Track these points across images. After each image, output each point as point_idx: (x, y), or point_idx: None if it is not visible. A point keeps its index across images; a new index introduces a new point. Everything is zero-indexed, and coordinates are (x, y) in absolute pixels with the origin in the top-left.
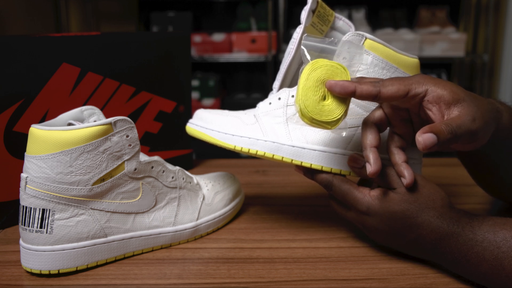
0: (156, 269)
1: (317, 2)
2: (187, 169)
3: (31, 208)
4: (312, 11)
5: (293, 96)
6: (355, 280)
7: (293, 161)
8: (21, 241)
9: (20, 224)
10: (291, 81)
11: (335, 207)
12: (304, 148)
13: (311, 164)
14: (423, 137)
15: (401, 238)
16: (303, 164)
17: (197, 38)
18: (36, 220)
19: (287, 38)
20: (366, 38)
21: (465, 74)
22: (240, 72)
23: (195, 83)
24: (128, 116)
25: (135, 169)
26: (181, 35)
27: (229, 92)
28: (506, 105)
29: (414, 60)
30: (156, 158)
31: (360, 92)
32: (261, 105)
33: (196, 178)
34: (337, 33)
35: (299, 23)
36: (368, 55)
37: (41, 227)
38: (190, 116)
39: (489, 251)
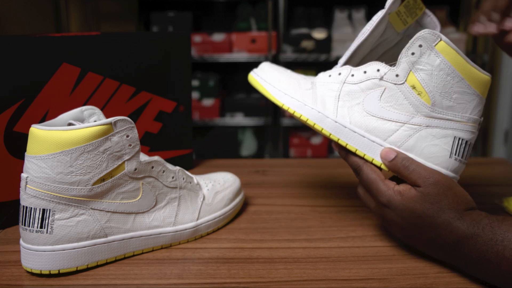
0: (156, 269)
1: None
2: (187, 169)
3: (31, 208)
4: (402, 0)
5: (353, 75)
6: (355, 280)
7: (331, 136)
8: (21, 241)
9: (20, 224)
10: (358, 62)
11: (361, 194)
12: (346, 127)
13: (346, 144)
14: None
15: (419, 235)
16: (339, 141)
17: (197, 38)
18: (36, 220)
19: (287, 38)
20: (441, 39)
21: None
22: (240, 72)
23: (195, 83)
24: (128, 116)
25: (135, 169)
26: (181, 35)
27: (229, 92)
28: None
29: (485, 77)
30: (156, 158)
31: None
32: (321, 75)
33: (196, 178)
34: (421, 29)
35: (298, 23)
36: (437, 57)
37: (41, 227)
38: (190, 116)
39: (509, 249)
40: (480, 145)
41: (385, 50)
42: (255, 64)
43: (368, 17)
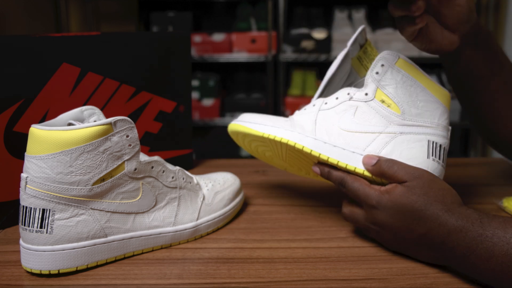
0: (156, 269)
1: (366, 39)
2: (187, 169)
3: (31, 208)
4: (360, 45)
5: (326, 103)
6: (355, 280)
7: (312, 152)
8: (21, 241)
9: (20, 224)
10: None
11: (347, 213)
12: (326, 143)
13: (328, 158)
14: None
15: (410, 233)
16: (320, 156)
17: (197, 38)
18: (36, 220)
19: (287, 38)
20: (399, 57)
21: None
22: (240, 72)
23: (195, 83)
24: (128, 116)
25: (135, 169)
26: (181, 35)
27: (229, 92)
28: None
29: (445, 92)
30: (156, 158)
31: None
32: (297, 112)
33: (196, 178)
34: None
35: (298, 23)
36: (399, 72)
37: (41, 227)
38: (190, 116)
39: (499, 247)
40: (480, 145)
41: None
42: (255, 64)
43: (368, 17)
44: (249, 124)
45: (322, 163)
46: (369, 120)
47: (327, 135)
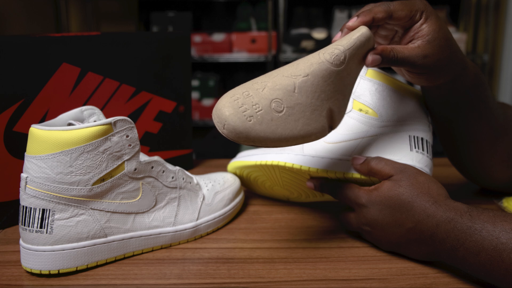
0: (156, 269)
1: None
2: (187, 169)
3: (31, 208)
4: None
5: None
6: (355, 280)
7: (302, 167)
8: (21, 241)
9: (20, 224)
10: None
11: (341, 219)
12: (313, 156)
13: (317, 170)
14: (372, 57)
15: (401, 228)
16: (310, 169)
17: (197, 38)
18: (36, 220)
19: (287, 38)
20: (368, 69)
21: None
22: (240, 72)
23: (195, 83)
24: (128, 116)
25: (135, 169)
26: (181, 35)
27: None
28: (478, 72)
29: (415, 90)
30: (156, 158)
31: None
32: None
33: (196, 178)
34: None
35: (298, 23)
36: (370, 81)
37: (41, 227)
38: (190, 116)
39: (488, 241)
40: None
41: None
42: (255, 64)
43: None
44: (242, 158)
45: (314, 177)
46: (351, 129)
47: (314, 151)
